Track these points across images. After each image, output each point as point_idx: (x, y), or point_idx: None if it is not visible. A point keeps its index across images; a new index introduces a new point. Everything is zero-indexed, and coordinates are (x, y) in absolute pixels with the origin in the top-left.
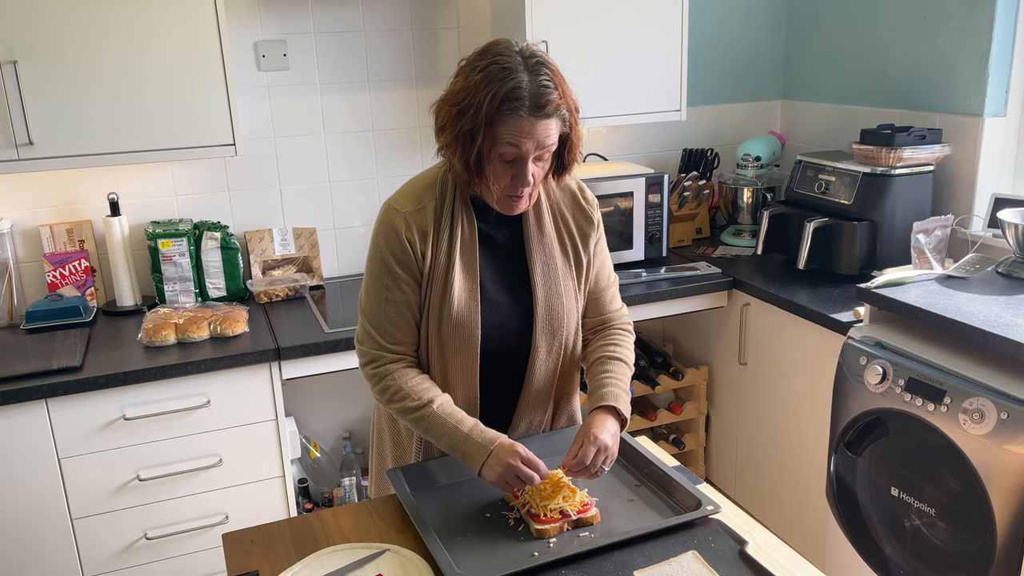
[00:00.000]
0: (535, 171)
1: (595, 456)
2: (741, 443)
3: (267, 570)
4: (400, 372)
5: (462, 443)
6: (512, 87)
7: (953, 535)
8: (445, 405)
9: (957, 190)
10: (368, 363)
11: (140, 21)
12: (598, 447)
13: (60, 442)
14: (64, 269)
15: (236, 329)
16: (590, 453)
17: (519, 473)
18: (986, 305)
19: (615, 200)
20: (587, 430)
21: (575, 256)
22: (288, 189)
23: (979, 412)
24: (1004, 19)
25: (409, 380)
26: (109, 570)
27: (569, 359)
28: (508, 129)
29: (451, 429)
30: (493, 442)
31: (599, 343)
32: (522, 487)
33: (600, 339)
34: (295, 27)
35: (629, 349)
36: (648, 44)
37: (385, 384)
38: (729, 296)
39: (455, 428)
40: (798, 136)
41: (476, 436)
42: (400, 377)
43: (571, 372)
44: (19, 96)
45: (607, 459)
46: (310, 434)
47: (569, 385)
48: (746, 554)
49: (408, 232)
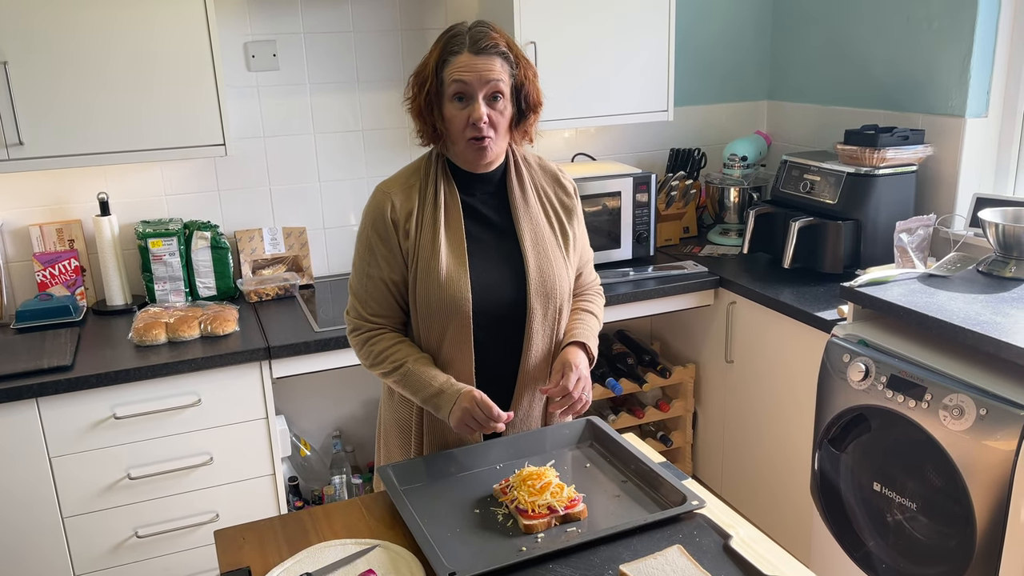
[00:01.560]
0: (491, 113)
1: (576, 383)
2: (728, 440)
3: (259, 566)
4: (381, 337)
5: (435, 396)
6: (453, 34)
7: (934, 529)
8: (421, 361)
9: (940, 190)
10: (352, 331)
11: (130, 22)
12: (578, 375)
13: (51, 441)
14: (54, 269)
15: (226, 328)
16: (572, 379)
17: (474, 414)
18: (967, 303)
19: (603, 199)
20: (563, 360)
21: (561, 228)
22: (278, 189)
23: (959, 408)
24: (985, 21)
25: (389, 344)
26: (100, 568)
27: (563, 327)
28: (452, 69)
29: (425, 384)
30: (460, 392)
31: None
32: (479, 430)
33: (574, 300)
34: (285, 27)
35: (599, 307)
36: (635, 45)
37: (368, 349)
38: (715, 295)
39: (428, 383)
40: (784, 136)
41: (447, 389)
42: (381, 342)
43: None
44: (9, 96)
45: (584, 388)
46: (300, 432)
47: None
48: (730, 548)
49: (393, 213)
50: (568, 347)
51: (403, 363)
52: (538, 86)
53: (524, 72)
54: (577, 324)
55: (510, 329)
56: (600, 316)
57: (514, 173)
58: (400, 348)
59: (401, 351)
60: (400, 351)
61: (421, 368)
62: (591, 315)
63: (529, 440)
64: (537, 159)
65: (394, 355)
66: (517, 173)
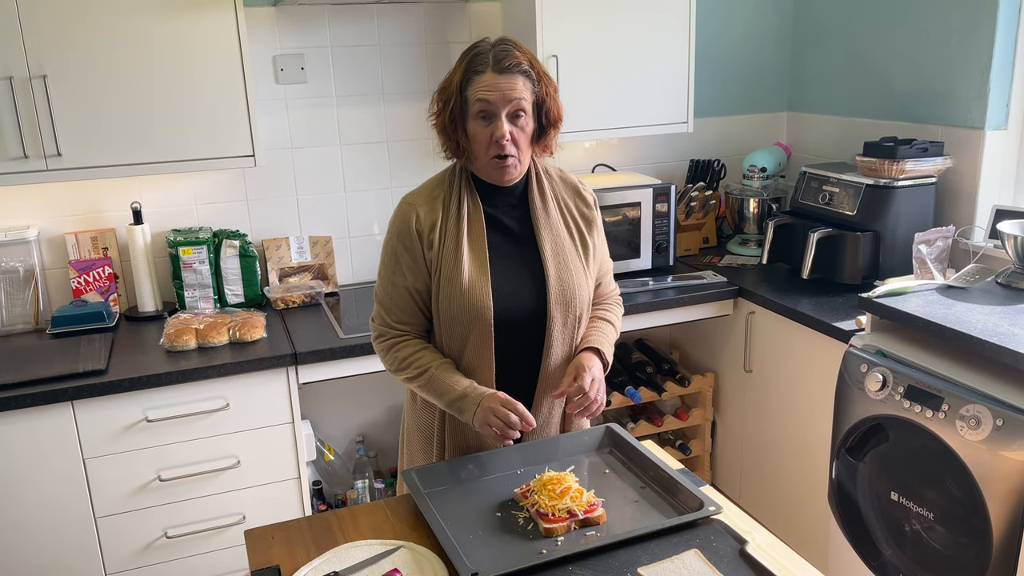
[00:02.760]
0: (513, 131)
1: (591, 384)
2: (746, 449)
3: (287, 565)
4: (405, 343)
5: (459, 399)
6: (476, 53)
7: (951, 539)
8: (444, 366)
9: (959, 201)
10: (377, 337)
11: (164, 37)
12: (592, 376)
13: (85, 443)
14: (88, 275)
15: (254, 334)
16: (586, 379)
17: (496, 412)
18: (984, 315)
19: (623, 210)
20: (577, 363)
21: (581, 239)
22: (305, 198)
23: (975, 419)
24: (1005, 34)
25: (414, 350)
26: (130, 567)
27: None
28: (476, 88)
29: (449, 388)
30: (483, 394)
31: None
32: (505, 432)
33: (592, 309)
34: (313, 41)
35: (618, 316)
36: (655, 59)
37: (392, 355)
38: (734, 304)
39: (452, 387)
40: (804, 148)
41: (471, 392)
42: (405, 348)
43: None
44: (48, 109)
45: (599, 389)
46: (325, 437)
47: None
48: (746, 553)
49: (418, 224)
50: (583, 352)
51: (427, 368)
52: (559, 101)
53: (545, 88)
54: (593, 331)
55: (530, 337)
56: (618, 325)
57: (535, 185)
58: (424, 354)
59: (425, 357)
60: (424, 357)
61: (445, 373)
62: (608, 323)
63: (549, 446)
64: (558, 171)
65: (418, 360)
66: (539, 185)
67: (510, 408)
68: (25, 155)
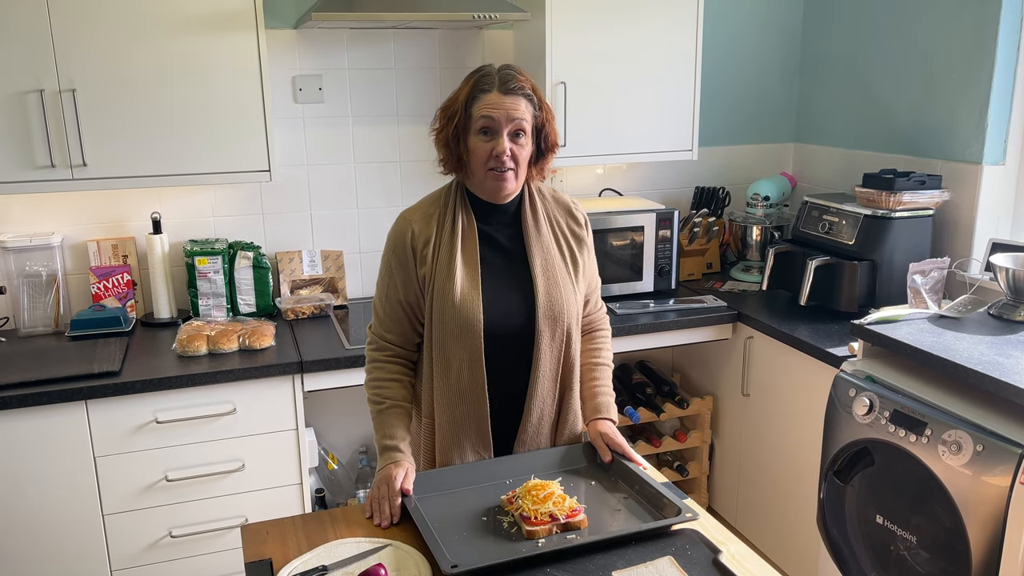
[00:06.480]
0: (513, 148)
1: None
2: (743, 472)
3: (280, 558)
4: (387, 367)
5: (382, 448)
6: (483, 74)
7: (935, 564)
8: (397, 410)
9: (957, 234)
10: (369, 343)
11: (188, 55)
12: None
13: (97, 441)
14: (108, 282)
15: (263, 343)
16: (632, 453)
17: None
18: (972, 344)
19: (628, 233)
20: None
21: (571, 256)
22: (318, 214)
23: (957, 444)
24: (1003, 72)
25: (387, 377)
26: (135, 565)
27: (571, 349)
28: (481, 105)
29: (385, 433)
30: (395, 460)
31: (585, 347)
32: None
33: (585, 343)
34: (331, 63)
35: (609, 351)
36: (662, 88)
37: (372, 366)
38: (733, 329)
39: (387, 434)
40: (809, 178)
41: (392, 452)
42: (382, 371)
43: (572, 364)
44: (76, 121)
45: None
46: (329, 447)
47: (570, 378)
48: (719, 562)
49: (412, 240)
50: (599, 423)
51: (384, 401)
52: (555, 128)
53: (545, 115)
54: (597, 389)
55: (520, 350)
56: (611, 361)
57: (528, 204)
58: (392, 387)
59: (390, 390)
60: (389, 389)
61: (392, 417)
62: (605, 367)
63: (537, 458)
64: (551, 191)
65: (383, 391)
66: (531, 204)
67: (392, 495)
68: (52, 164)
